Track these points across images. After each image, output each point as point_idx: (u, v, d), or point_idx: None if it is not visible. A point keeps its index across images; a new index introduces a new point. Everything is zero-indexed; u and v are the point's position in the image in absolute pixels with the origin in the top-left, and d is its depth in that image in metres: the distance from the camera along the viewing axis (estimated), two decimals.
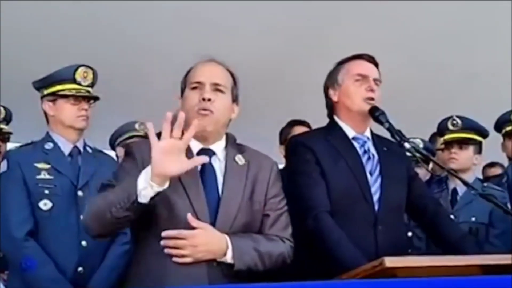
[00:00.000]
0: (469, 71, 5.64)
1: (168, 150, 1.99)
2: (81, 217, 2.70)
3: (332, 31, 5.12)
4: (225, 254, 2.11)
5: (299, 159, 2.57)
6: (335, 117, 2.66)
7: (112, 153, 3.73)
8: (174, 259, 2.07)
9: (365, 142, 2.62)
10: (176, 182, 2.09)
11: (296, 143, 2.66)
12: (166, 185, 2.01)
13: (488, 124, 3.82)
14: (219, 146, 2.25)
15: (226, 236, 2.12)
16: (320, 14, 4.97)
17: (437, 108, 4.30)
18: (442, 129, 3.71)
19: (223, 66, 2.30)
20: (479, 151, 3.66)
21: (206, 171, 2.19)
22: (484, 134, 3.68)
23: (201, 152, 2.21)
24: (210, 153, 2.22)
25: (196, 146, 2.21)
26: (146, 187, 1.98)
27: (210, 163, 2.20)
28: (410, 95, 5.61)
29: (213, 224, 2.13)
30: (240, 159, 2.26)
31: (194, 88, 2.23)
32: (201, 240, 2.08)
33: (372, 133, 2.68)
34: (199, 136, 2.18)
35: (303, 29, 5.11)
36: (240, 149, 2.33)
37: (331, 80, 2.66)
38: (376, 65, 2.66)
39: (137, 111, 4.43)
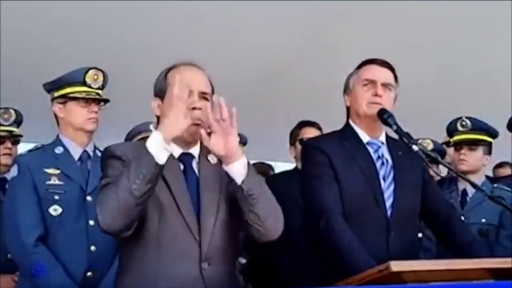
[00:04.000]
0: (483, 69, 5.59)
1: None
2: (90, 222, 2.77)
3: (342, 31, 5.11)
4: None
5: (313, 162, 2.60)
6: (350, 122, 2.68)
7: None
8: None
9: (379, 147, 2.63)
10: (163, 187, 2.13)
11: (311, 146, 2.69)
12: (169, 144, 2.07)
13: (500, 123, 3.81)
14: (196, 150, 2.29)
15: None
16: (330, 14, 4.94)
17: (449, 107, 4.28)
18: (451, 130, 3.70)
19: (204, 72, 2.31)
20: (488, 151, 3.65)
21: (188, 172, 2.24)
22: (493, 134, 3.66)
23: (182, 156, 2.25)
24: (190, 157, 2.27)
25: (176, 151, 2.24)
26: (160, 150, 2.03)
27: (191, 166, 2.26)
28: (423, 94, 5.58)
29: (198, 217, 2.16)
30: (212, 157, 2.29)
31: None
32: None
33: (387, 137, 2.68)
34: (180, 141, 2.21)
35: (313, 28, 5.09)
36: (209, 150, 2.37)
37: (345, 86, 2.70)
38: (391, 69, 2.66)
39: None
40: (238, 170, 2.11)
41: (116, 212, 2.03)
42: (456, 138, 3.65)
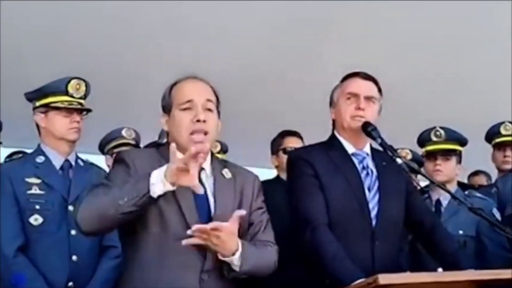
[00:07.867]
0: (464, 74, 5.62)
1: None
2: (72, 232, 2.76)
3: (324, 41, 5.10)
4: (233, 254, 2.14)
5: (298, 173, 2.62)
6: (336, 133, 2.71)
7: None
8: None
9: (364, 158, 2.66)
10: (169, 197, 2.13)
11: (296, 157, 2.70)
12: (175, 187, 2.06)
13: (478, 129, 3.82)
14: (206, 162, 2.30)
15: (238, 239, 2.17)
16: (312, 23, 4.95)
17: (430, 115, 4.30)
18: (424, 140, 3.68)
19: (207, 83, 2.34)
20: (459, 161, 3.64)
21: None
22: (464, 143, 3.66)
23: None
24: (199, 169, 2.26)
25: None
26: (158, 182, 2.02)
27: (199, 179, 2.23)
28: (406, 102, 5.58)
29: None
30: (226, 173, 2.32)
31: (185, 109, 2.26)
32: (226, 233, 2.10)
33: (372, 148, 2.72)
34: None
35: (294, 38, 5.09)
36: (223, 163, 2.40)
37: (330, 99, 2.73)
38: (375, 81, 2.69)
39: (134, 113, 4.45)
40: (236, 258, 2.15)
41: (94, 214, 2.07)
42: (429, 148, 3.63)
